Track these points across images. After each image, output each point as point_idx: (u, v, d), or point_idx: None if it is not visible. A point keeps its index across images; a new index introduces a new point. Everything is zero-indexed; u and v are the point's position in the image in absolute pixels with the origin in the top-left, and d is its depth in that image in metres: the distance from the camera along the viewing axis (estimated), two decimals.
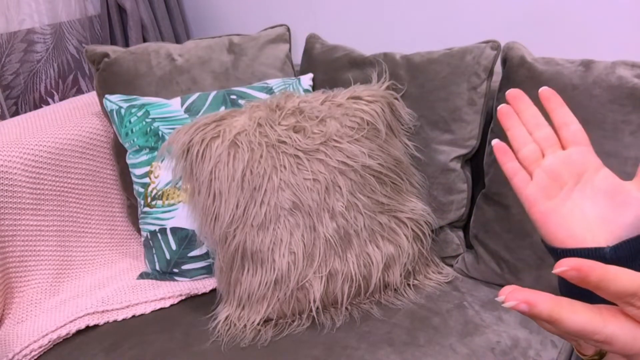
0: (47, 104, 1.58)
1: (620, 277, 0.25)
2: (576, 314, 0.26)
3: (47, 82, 1.58)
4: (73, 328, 0.98)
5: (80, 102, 1.32)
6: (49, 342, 0.95)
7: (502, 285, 0.99)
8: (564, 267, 0.25)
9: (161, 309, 1.03)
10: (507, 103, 0.46)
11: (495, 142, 0.45)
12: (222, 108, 1.12)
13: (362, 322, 0.93)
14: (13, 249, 1.08)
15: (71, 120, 1.22)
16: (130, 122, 1.12)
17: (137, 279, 1.13)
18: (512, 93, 0.45)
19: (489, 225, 1.01)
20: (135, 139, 1.12)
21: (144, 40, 1.60)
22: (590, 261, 0.25)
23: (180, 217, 1.07)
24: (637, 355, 0.26)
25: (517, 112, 0.45)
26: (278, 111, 0.99)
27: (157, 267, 1.11)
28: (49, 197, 1.13)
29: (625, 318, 0.26)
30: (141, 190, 1.12)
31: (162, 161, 1.08)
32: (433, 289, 1.01)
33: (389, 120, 1.03)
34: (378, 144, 1.00)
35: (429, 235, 1.03)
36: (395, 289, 1.00)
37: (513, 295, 0.26)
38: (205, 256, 1.09)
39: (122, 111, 1.13)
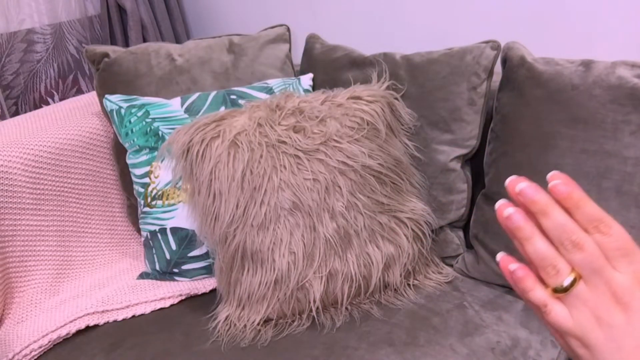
0: (47, 104, 1.58)
1: None
2: None
3: (47, 82, 1.58)
4: (73, 328, 0.98)
5: (80, 102, 1.32)
6: (49, 342, 0.95)
7: (502, 286, 1.00)
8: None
9: (161, 309, 1.03)
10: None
11: None
12: (222, 108, 1.12)
13: (362, 322, 0.93)
14: (13, 249, 1.08)
15: (71, 120, 1.22)
16: (130, 122, 1.12)
17: (137, 279, 1.13)
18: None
19: (489, 225, 1.01)
20: (135, 139, 1.12)
21: (144, 40, 1.60)
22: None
23: (180, 217, 1.07)
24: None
25: None
26: (278, 111, 0.99)
27: (157, 267, 1.11)
28: (49, 197, 1.13)
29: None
30: (141, 190, 1.12)
31: (162, 161, 1.08)
32: (433, 289, 1.01)
33: (389, 120, 1.03)
34: (378, 144, 1.00)
35: (429, 235, 1.03)
36: (395, 289, 1.00)
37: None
38: (205, 256, 1.09)
39: (122, 111, 1.13)
